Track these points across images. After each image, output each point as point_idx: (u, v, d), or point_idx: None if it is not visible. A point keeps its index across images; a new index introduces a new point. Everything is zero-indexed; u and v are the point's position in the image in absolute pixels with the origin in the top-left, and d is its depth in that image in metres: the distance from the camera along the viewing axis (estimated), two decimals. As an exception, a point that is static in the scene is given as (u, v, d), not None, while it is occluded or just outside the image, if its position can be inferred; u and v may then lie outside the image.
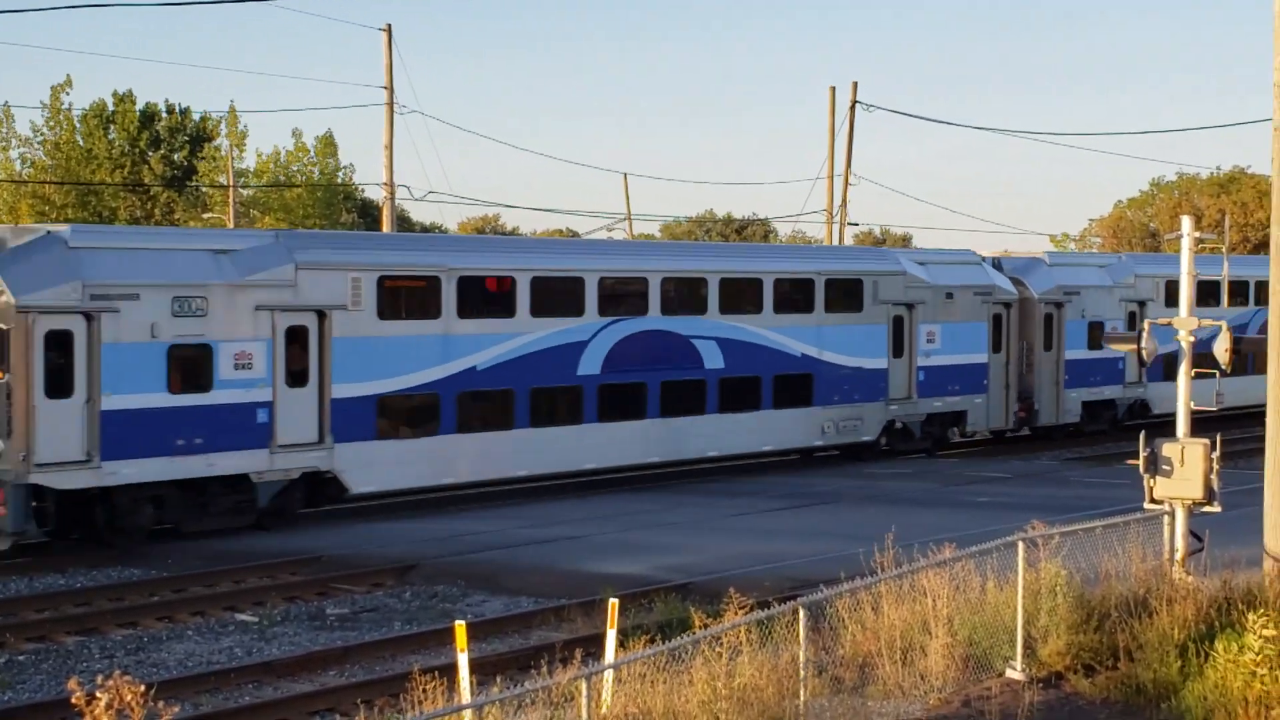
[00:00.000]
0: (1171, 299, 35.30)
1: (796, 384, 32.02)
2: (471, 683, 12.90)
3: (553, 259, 29.83)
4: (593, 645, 15.50)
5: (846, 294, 33.05)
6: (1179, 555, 16.17)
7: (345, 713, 14.92)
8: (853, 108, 52.48)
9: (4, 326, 22.10)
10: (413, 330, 26.66)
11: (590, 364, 28.73)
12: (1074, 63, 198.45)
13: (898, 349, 33.75)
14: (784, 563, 21.35)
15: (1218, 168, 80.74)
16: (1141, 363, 18.03)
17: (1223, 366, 16.76)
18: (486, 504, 27.96)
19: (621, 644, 13.51)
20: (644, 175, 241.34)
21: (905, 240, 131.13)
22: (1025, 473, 32.39)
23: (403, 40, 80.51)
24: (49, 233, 23.47)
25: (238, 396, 24.23)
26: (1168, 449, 16.31)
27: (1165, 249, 72.46)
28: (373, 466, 25.93)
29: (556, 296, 28.61)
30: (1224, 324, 17.04)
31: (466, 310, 27.23)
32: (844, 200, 53.51)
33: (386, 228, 45.24)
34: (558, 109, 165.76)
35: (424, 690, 11.60)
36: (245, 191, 67.85)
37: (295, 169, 68.42)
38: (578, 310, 28.69)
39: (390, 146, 44.34)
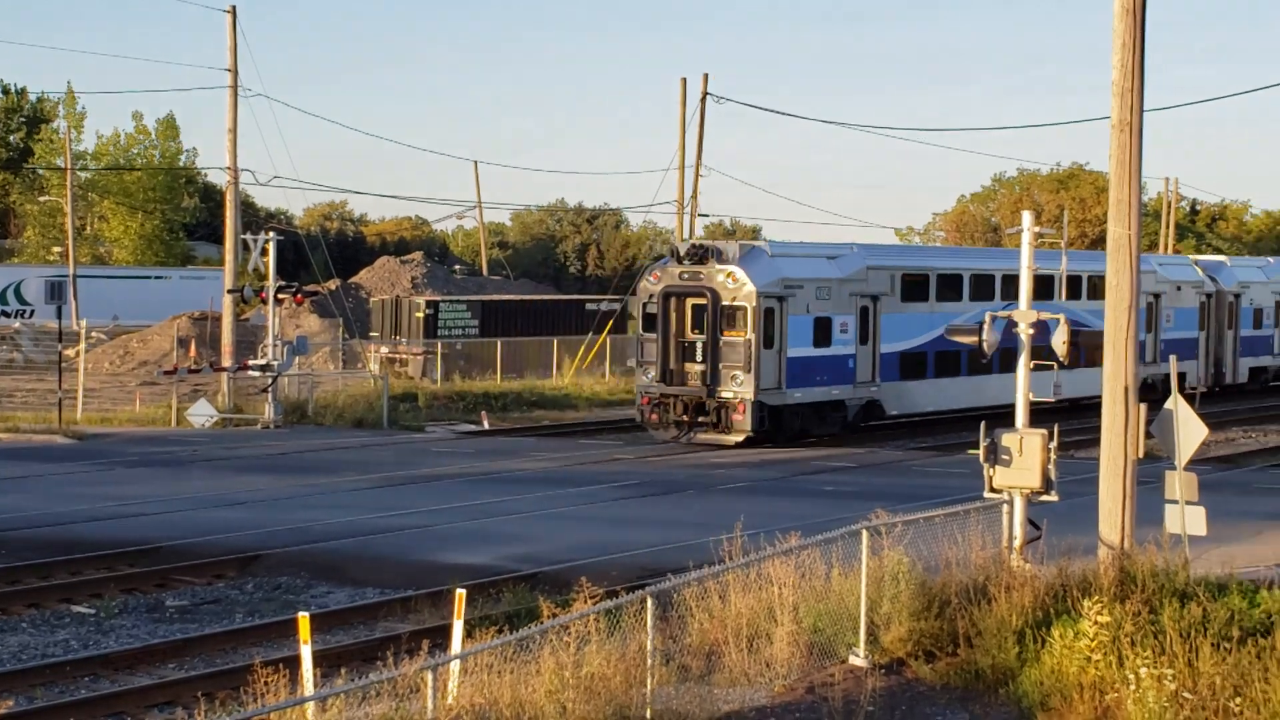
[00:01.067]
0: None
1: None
2: (315, 675, 12.72)
3: (978, 261, 43.40)
4: (439, 636, 15.40)
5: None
6: (1017, 543, 16.50)
7: (185, 706, 14.61)
8: (703, 99, 52.83)
9: (746, 305, 33.64)
10: (917, 310, 38.17)
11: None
12: (921, 58, 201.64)
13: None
14: (634, 552, 21.40)
15: (1058, 164, 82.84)
16: (981, 354, 18.33)
17: (1061, 357, 17.12)
18: (332, 493, 27.65)
19: (468, 635, 13.43)
20: (495, 163, 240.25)
21: (754, 233, 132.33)
22: (870, 462, 32.87)
23: (247, 22, 78.98)
24: (757, 247, 36.40)
25: (842, 350, 35.91)
26: (1007, 439, 16.63)
27: (1006, 243, 74.06)
28: (900, 398, 37.79)
29: (984, 285, 39.79)
30: (1062, 317, 17.41)
31: (941, 296, 38.79)
32: (695, 191, 53.89)
33: (229, 213, 44.41)
34: (407, 94, 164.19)
35: (266, 683, 11.41)
36: (84, 174, 66.18)
37: (135, 152, 66.89)
38: (994, 296, 38.68)
39: (234, 130, 43.50)
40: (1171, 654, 12.97)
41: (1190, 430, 18.07)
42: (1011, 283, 35.87)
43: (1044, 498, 16.67)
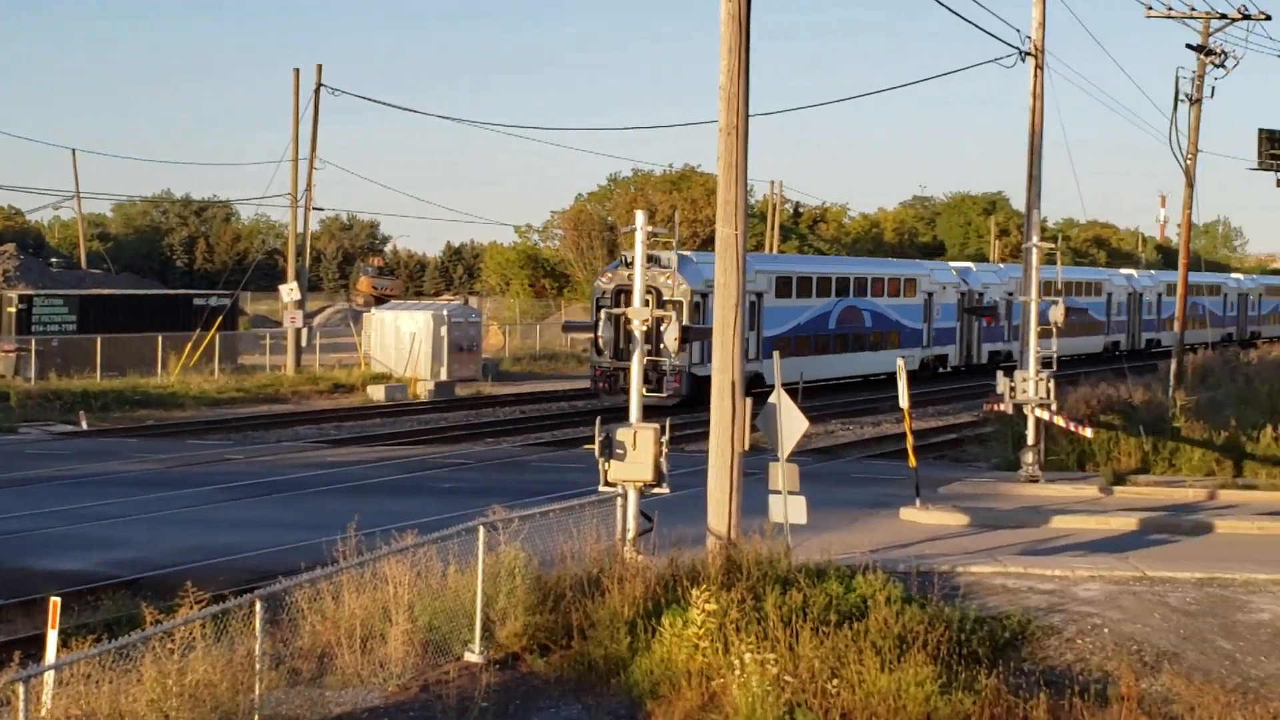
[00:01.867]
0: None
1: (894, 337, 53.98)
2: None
3: (824, 267, 55.27)
4: (33, 647, 14.59)
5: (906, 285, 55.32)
6: (630, 535, 16.81)
7: None
8: (317, 91, 51.88)
9: (683, 300, 40.84)
10: (786, 304, 47.86)
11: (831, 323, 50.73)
12: (539, 58, 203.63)
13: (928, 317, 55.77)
14: (245, 555, 20.76)
15: (670, 165, 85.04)
16: (599, 350, 18.63)
17: (673, 353, 17.55)
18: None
19: (65, 645, 12.74)
20: (95, 151, 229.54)
21: (373, 227, 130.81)
22: (489, 459, 32.95)
23: None
24: (685, 256, 43.43)
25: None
26: (621, 434, 16.93)
27: (621, 242, 75.56)
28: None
29: (826, 285, 50.38)
30: (673, 315, 17.85)
31: (801, 293, 48.81)
32: (309, 184, 52.86)
33: None
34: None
35: None
36: None
37: None
38: (831, 294, 50.42)
39: None
40: (774, 639, 13.45)
41: (792, 423, 18.84)
42: (845, 283, 52.14)
43: (656, 490, 17.02)
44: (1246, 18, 38.94)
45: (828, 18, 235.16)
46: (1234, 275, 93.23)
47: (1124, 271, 76.56)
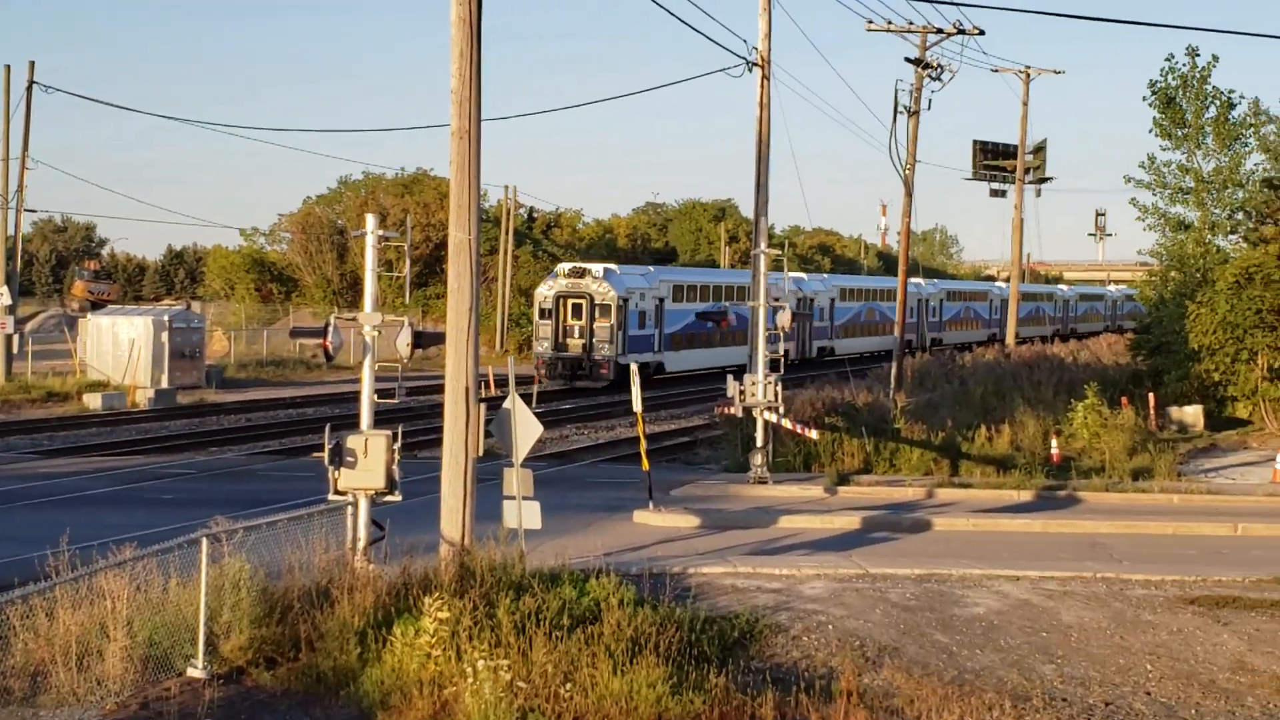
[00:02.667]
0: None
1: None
2: None
3: (710, 277, 66.74)
4: None
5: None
6: (361, 545, 16.56)
7: None
8: (29, 88, 49.74)
9: (611, 304, 53.39)
10: (681, 306, 58.51)
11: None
12: (267, 59, 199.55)
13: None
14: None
15: (402, 169, 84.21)
16: (328, 357, 18.25)
17: (404, 358, 17.33)
18: None
19: None
20: None
21: (89, 229, 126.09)
22: (212, 468, 32.06)
23: None
24: (609, 268, 55.95)
25: (650, 331, 56.16)
26: (352, 441, 16.66)
27: (352, 245, 74.46)
28: (674, 361, 58.21)
29: (711, 292, 61.91)
30: (406, 321, 17.62)
31: (690, 298, 59.66)
32: (20, 185, 50.68)
33: None
34: None
35: None
36: None
37: None
38: (718, 298, 61.45)
39: None
40: (507, 645, 13.40)
41: (527, 428, 18.85)
42: (720, 290, 62.82)
43: (388, 498, 16.81)
44: (961, 32, 40.61)
45: (563, 24, 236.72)
46: (997, 284, 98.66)
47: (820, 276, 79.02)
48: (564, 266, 56.89)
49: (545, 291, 55.35)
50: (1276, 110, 53.36)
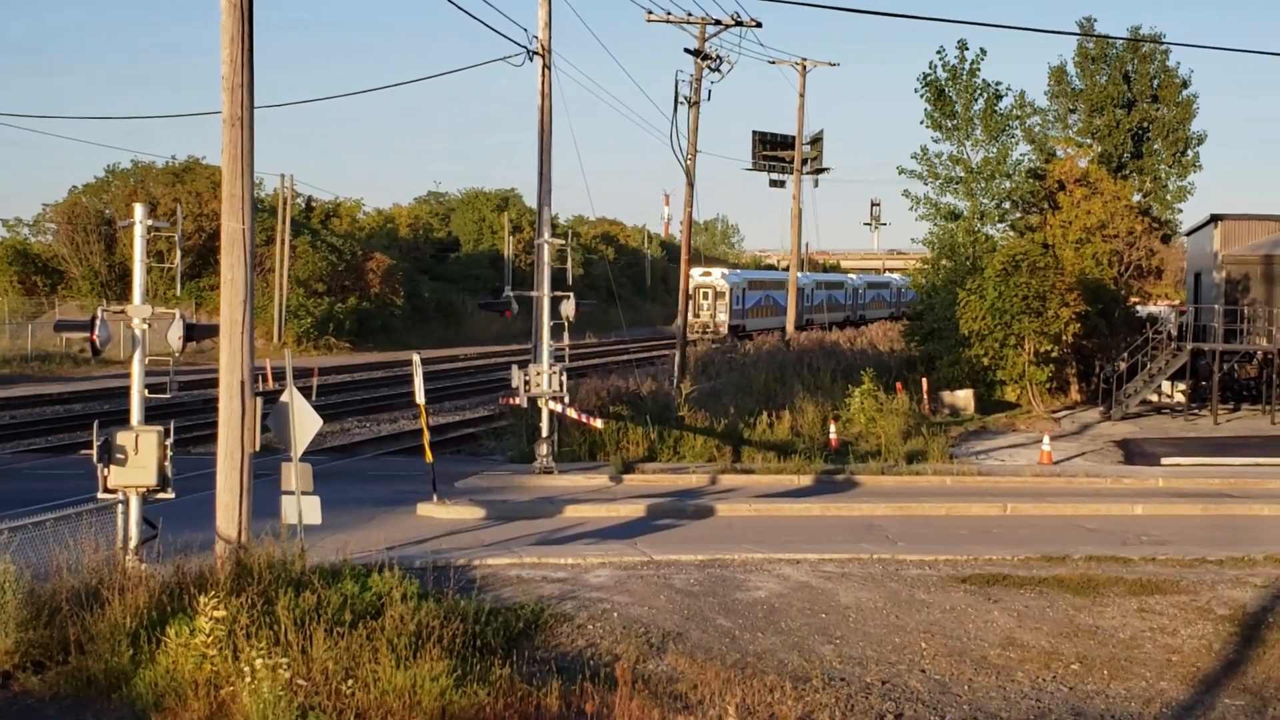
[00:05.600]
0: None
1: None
2: None
3: (763, 275, 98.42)
4: None
5: None
6: (133, 543, 16.08)
7: None
8: None
9: (725, 290, 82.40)
10: (752, 293, 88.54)
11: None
12: (25, 40, 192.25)
13: None
14: None
15: (173, 157, 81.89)
16: (95, 351, 17.62)
17: (176, 351, 16.84)
18: None
19: None
20: None
21: None
22: (-25, 467, 30.78)
23: None
24: (721, 270, 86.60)
25: (745, 307, 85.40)
26: (122, 437, 16.16)
27: (121, 236, 72.30)
28: (751, 325, 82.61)
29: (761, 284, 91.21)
30: (177, 313, 17.13)
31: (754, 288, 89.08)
32: None
33: None
34: None
35: None
36: None
37: None
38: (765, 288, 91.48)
39: None
40: (286, 643, 13.13)
41: (305, 422, 18.51)
42: (769, 283, 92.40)
43: (161, 495, 16.36)
44: (739, 24, 41.15)
45: (341, 10, 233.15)
46: (850, 275, 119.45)
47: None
48: (697, 270, 78.72)
49: (694, 281, 76.95)
50: (1042, 103, 55.29)
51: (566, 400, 29.23)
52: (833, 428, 33.75)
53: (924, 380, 41.85)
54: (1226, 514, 26.17)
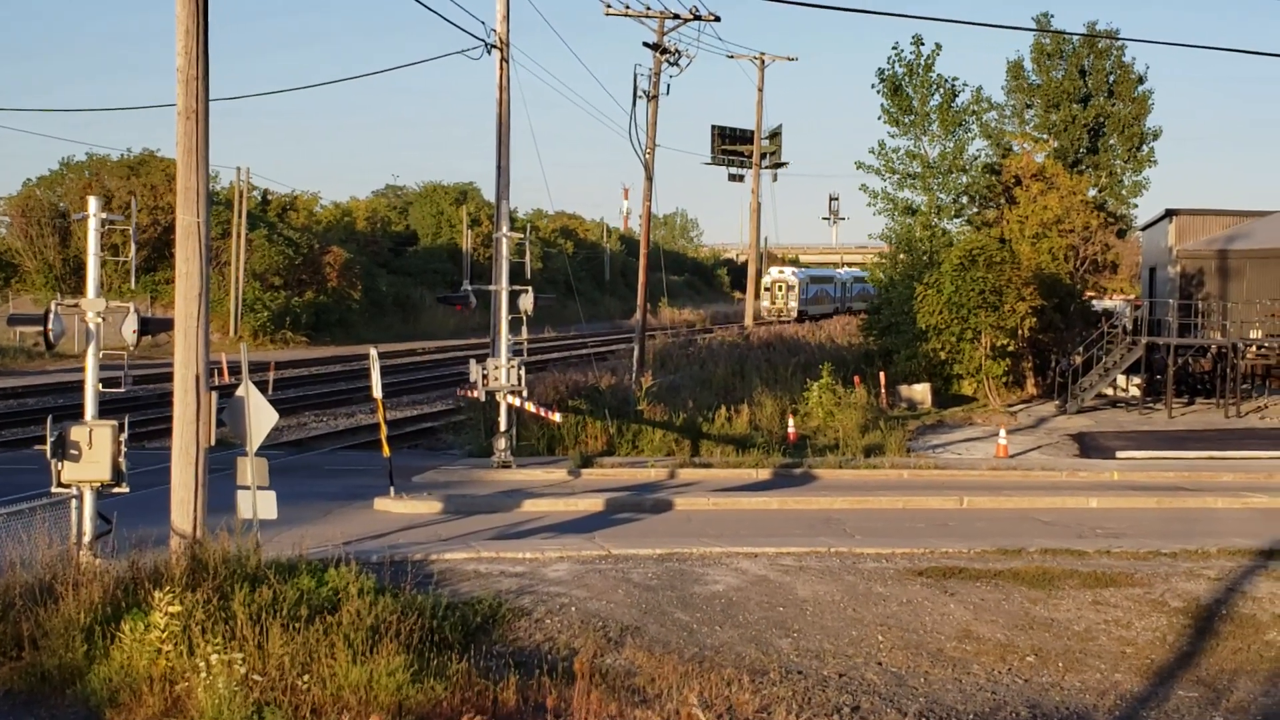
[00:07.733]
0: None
1: None
2: None
3: (822, 271, 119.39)
4: None
5: None
6: (87, 538, 15.98)
7: None
8: None
9: (796, 285, 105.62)
10: (813, 286, 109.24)
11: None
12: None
13: None
14: None
15: (128, 150, 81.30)
16: (49, 345, 17.49)
17: (131, 345, 16.73)
18: None
19: None
20: None
21: None
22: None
23: None
24: (790, 269, 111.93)
25: (808, 296, 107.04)
26: (75, 432, 16.05)
27: (76, 229, 71.70)
28: (811, 311, 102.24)
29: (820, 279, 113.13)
30: (131, 307, 17.01)
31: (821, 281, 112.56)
32: None
33: None
34: None
35: None
36: None
37: None
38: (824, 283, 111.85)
39: None
40: (242, 638, 13.06)
41: (261, 416, 18.40)
42: (827, 279, 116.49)
43: (115, 490, 16.27)
44: (698, 18, 41.15)
45: (294, 2, 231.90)
46: (841, 270, 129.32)
47: None
48: (773, 269, 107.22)
49: (769, 276, 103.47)
50: (999, 98, 55.56)
51: (525, 394, 29.18)
52: (791, 421, 33.82)
53: (882, 374, 42.00)
54: (1181, 507, 26.37)
